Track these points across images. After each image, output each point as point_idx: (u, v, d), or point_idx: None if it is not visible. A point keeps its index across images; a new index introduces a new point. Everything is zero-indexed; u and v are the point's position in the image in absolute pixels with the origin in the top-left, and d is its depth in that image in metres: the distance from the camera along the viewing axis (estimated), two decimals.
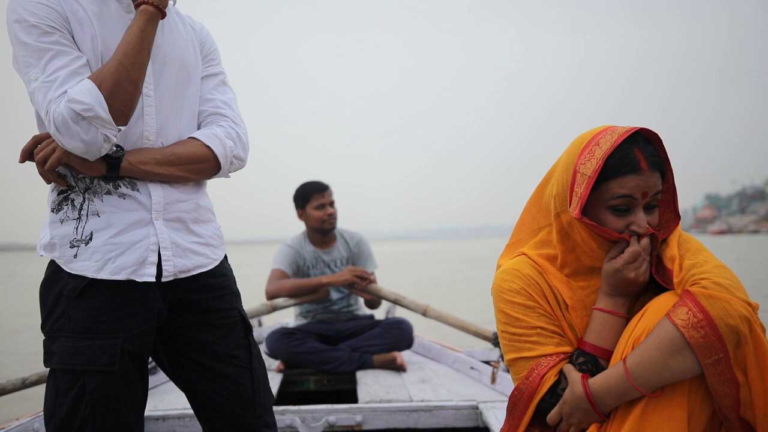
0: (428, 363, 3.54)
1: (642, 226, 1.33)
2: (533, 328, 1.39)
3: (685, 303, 1.24)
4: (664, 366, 1.23)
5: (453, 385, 3.01)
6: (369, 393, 2.89)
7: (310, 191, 3.64)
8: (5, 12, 1.43)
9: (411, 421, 2.59)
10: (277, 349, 3.43)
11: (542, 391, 1.36)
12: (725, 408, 1.25)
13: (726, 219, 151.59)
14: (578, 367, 1.35)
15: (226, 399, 1.58)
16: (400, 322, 3.60)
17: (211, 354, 1.57)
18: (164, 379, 3.10)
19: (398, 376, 3.25)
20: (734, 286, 1.26)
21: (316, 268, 3.65)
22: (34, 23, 1.37)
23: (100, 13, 1.44)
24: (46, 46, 1.37)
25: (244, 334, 1.65)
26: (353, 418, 2.56)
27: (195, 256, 1.53)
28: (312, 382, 3.37)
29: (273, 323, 4.29)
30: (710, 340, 1.21)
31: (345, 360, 3.37)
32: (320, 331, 3.58)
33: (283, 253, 3.65)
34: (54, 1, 1.39)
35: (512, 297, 1.42)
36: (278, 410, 2.54)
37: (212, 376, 1.58)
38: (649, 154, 1.33)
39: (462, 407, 2.61)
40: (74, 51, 1.39)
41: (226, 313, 1.61)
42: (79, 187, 1.44)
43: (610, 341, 1.34)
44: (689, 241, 1.39)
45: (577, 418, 1.33)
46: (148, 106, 1.47)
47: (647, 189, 1.33)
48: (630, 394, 1.27)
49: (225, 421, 1.59)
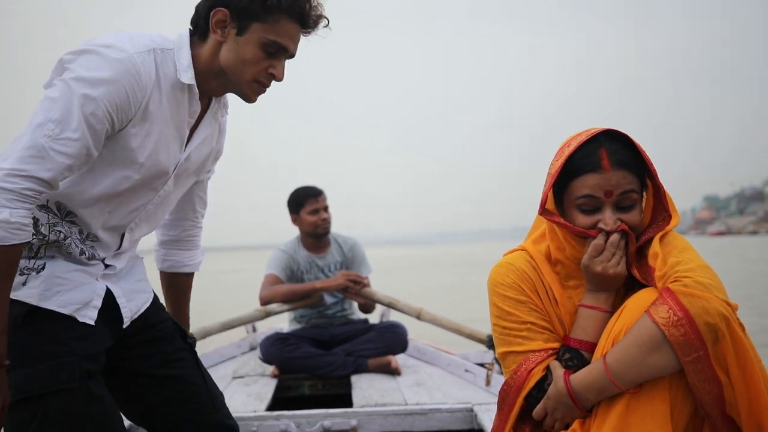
0: (423, 366, 3.54)
1: (608, 224, 1.35)
2: (524, 323, 1.42)
3: (666, 301, 1.25)
4: (644, 363, 1.25)
5: (448, 388, 3.02)
6: (364, 397, 2.89)
7: (304, 196, 3.64)
8: (80, 42, 1.41)
9: (406, 424, 2.59)
10: (272, 354, 3.42)
11: (528, 386, 1.39)
12: (707, 405, 1.26)
13: (725, 220, 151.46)
14: (564, 363, 1.37)
15: (183, 401, 1.62)
16: (395, 326, 3.60)
17: (159, 362, 1.62)
18: None
19: (393, 379, 3.25)
20: (715, 286, 1.27)
21: (310, 272, 3.64)
22: (97, 103, 1.34)
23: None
24: (85, 125, 1.33)
25: (182, 339, 1.71)
26: (348, 423, 2.55)
27: (142, 294, 1.63)
28: (307, 387, 3.36)
29: (267, 329, 4.28)
30: (690, 338, 1.22)
31: (340, 364, 3.37)
32: (314, 336, 3.57)
33: (276, 258, 3.65)
34: (134, 92, 1.38)
35: (504, 291, 1.45)
36: (273, 415, 2.54)
37: (165, 383, 1.62)
38: (612, 152, 1.34)
39: (457, 410, 2.61)
40: (92, 148, 1.37)
41: (163, 325, 1.68)
42: (42, 236, 1.44)
43: (595, 336, 1.36)
44: (676, 239, 1.40)
45: (561, 413, 1.35)
46: (150, 203, 1.55)
47: (610, 187, 1.34)
48: (609, 390, 1.28)
49: (189, 425, 1.62)
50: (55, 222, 1.43)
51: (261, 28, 1.46)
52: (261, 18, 1.45)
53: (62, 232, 1.44)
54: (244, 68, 1.48)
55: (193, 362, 1.68)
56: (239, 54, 1.47)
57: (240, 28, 1.46)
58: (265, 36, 1.47)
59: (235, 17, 1.46)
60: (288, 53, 1.52)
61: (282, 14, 1.46)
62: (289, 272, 3.62)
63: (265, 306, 3.49)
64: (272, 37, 1.47)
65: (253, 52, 1.47)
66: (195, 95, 1.50)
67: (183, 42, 1.48)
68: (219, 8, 1.46)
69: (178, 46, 1.47)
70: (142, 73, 1.39)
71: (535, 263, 1.47)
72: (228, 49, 1.47)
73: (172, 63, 1.45)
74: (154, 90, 1.42)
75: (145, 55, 1.40)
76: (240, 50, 1.47)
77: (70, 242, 1.45)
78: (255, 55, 1.47)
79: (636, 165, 1.37)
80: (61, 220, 1.44)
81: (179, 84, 1.46)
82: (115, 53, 1.36)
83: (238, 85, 1.51)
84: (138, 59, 1.38)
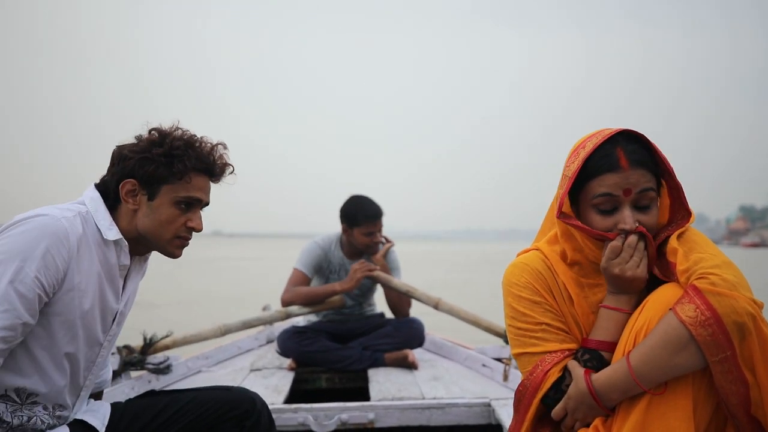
0: (440, 360, 3.54)
1: (628, 223, 1.33)
2: (538, 324, 1.41)
3: (693, 300, 1.23)
4: (669, 363, 1.23)
5: (465, 383, 3.01)
6: (381, 391, 2.89)
7: (363, 218, 3.46)
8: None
9: (423, 418, 2.59)
10: (288, 347, 3.43)
11: (545, 387, 1.37)
12: (733, 406, 1.24)
13: (759, 231, 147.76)
14: (583, 363, 1.36)
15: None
16: (411, 320, 3.59)
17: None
18: (175, 379, 3.11)
19: (410, 373, 3.25)
20: (741, 283, 1.26)
21: (338, 273, 3.57)
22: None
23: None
24: (14, 295, 1.38)
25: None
26: (365, 416, 2.56)
27: (105, 403, 1.72)
28: (324, 381, 3.37)
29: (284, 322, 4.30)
30: (718, 338, 1.20)
31: (356, 358, 3.37)
32: (331, 330, 3.57)
33: (309, 252, 3.56)
34: (60, 255, 1.44)
35: (519, 291, 1.44)
36: (291, 408, 2.55)
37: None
38: (630, 152, 1.33)
39: (474, 404, 2.60)
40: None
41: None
42: (6, 424, 1.49)
43: (616, 337, 1.35)
44: (695, 234, 1.38)
45: (582, 413, 1.34)
46: (101, 357, 1.62)
47: (629, 186, 1.33)
48: (633, 390, 1.27)
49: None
50: (15, 408, 1.47)
51: (171, 189, 1.53)
52: (170, 180, 1.53)
53: (25, 415, 1.49)
54: (163, 229, 1.54)
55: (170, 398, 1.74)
56: (155, 217, 1.54)
57: (150, 193, 1.53)
58: (177, 195, 1.54)
59: (145, 185, 1.53)
60: (202, 203, 1.59)
61: (190, 172, 1.53)
62: (318, 269, 3.57)
63: (285, 308, 3.48)
64: (184, 194, 1.54)
65: (168, 212, 1.54)
66: (124, 249, 1.56)
67: (97, 204, 1.54)
68: (127, 180, 1.52)
69: (94, 208, 1.53)
70: (70, 235, 1.44)
71: (549, 263, 1.46)
72: (143, 214, 1.54)
73: (94, 226, 1.51)
74: (84, 251, 1.48)
75: (72, 219, 1.46)
76: (155, 214, 1.53)
77: (36, 420, 1.50)
78: (171, 214, 1.54)
79: (653, 164, 1.35)
80: (22, 404, 1.48)
81: (105, 242, 1.52)
82: (41, 220, 1.42)
83: (160, 245, 1.57)
84: (65, 223, 1.44)
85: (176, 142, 1.53)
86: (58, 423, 1.56)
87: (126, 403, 1.74)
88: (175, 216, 1.54)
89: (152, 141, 1.53)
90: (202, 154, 1.55)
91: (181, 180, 1.53)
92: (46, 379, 1.49)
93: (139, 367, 2.95)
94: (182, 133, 1.55)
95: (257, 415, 1.72)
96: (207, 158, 1.56)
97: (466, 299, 3.79)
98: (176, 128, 1.56)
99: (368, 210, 3.49)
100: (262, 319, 3.48)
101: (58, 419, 1.56)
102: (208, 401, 1.70)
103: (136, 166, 1.52)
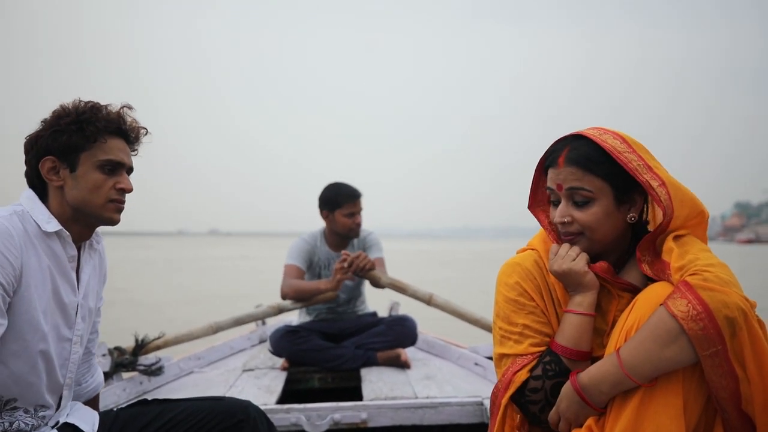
0: (432, 359, 3.54)
1: (556, 215, 1.43)
2: (518, 325, 1.45)
3: (685, 295, 1.24)
4: (660, 356, 1.24)
5: (457, 382, 3.01)
6: (374, 390, 2.89)
7: (343, 198, 3.53)
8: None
9: (416, 418, 2.59)
10: (281, 346, 3.42)
11: (512, 390, 1.41)
12: (723, 401, 1.25)
13: (755, 228, 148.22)
14: (543, 366, 1.40)
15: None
16: (404, 319, 3.59)
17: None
18: (169, 378, 3.10)
19: (402, 373, 3.25)
20: (734, 283, 1.27)
21: (328, 268, 3.60)
22: None
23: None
24: None
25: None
26: (358, 416, 2.55)
27: (93, 411, 1.72)
28: (316, 380, 3.36)
29: (276, 321, 4.29)
30: (709, 333, 1.21)
31: (349, 357, 3.37)
32: (324, 329, 3.57)
33: (297, 248, 3.60)
34: (10, 252, 1.45)
35: (507, 292, 1.48)
36: (283, 408, 2.54)
37: None
38: (571, 150, 1.40)
39: (467, 403, 2.60)
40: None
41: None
42: None
43: (574, 340, 1.39)
44: (694, 241, 1.40)
45: (573, 412, 1.34)
46: (73, 352, 1.61)
47: (560, 181, 1.41)
48: (624, 384, 1.28)
49: None
50: None
51: (90, 155, 1.54)
52: (86, 147, 1.54)
53: (6, 421, 1.49)
54: (92, 195, 1.55)
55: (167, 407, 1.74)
56: (82, 186, 1.54)
57: (71, 165, 1.54)
58: (97, 159, 1.55)
59: (63, 157, 1.53)
60: (126, 166, 1.60)
61: (104, 135, 1.55)
62: (309, 263, 3.59)
63: (278, 302, 3.48)
64: (104, 157, 1.55)
65: (94, 177, 1.54)
66: (67, 239, 1.56)
67: (33, 201, 1.55)
68: (44, 158, 1.54)
69: (30, 207, 1.54)
70: (13, 233, 1.45)
71: (542, 263, 1.49)
72: (70, 187, 1.54)
73: (32, 222, 1.51)
74: (29, 247, 1.48)
75: (9, 218, 1.47)
76: (81, 183, 1.54)
77: (18, 423, 1.51)
78: (96, 179, 1.55)
79: (599, 164, 1.38)
80: (1, 411, 1.49)
81: (47, 236, 1.52)
82: None
83: (96, 213, 1.57)
84: (5, 222, 1.45)
85: (82, 108, 1.56)
86: (42, 423, 1.55)
87: (117, 411, 1.73)
88: (101, 180, 1.55)
89: (58, 114, 1.56)
90: (111, 116, 1.57)
91: (96, 142, 1.54)
92: (21, 383, 1.49)
93: (131, 368, 2.93)
94: (86, 102, 1.58)
95: (252, 423, 1.70)
96: (116, 119, 1.58)
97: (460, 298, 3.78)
98: (79, 101, 1.58)
99: (347, 190, 3.56)
100: (254, 315, 3.47)
101: (42, 419, 1.55)
102: (200, 411, 1.69)
103: (49, 141, 1.53)
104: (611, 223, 1.40)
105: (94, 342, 1.82)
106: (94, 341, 1.82)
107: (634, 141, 1.41)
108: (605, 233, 1.41)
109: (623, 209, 1.41)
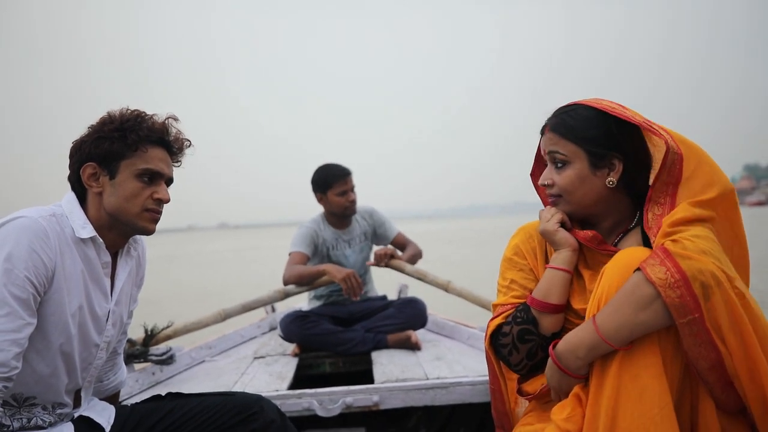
0: (442, 340, 3.54)
1: (542, 178, 1.54)
2: (507, 280, 1.61)
3: (663, 262, 1.24)
4: (635, 320, 1.25)
5: (468, 362, 3.01)
6: (385, 373, 2.89)
7: (332, 178, 3.60)
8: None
9: (427, 398, 2.59)
10: (292, 332, 3.43)
11: (487, 334, 1.59)
12: (704, 371, 1.26)
13: (765, 190, 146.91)
14: (514, 313, 1.54)
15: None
16: (413, 301, 3.60)
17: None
18: (181, 368, 3.12)
19: (413, 354, 3.25)
20: (715, 257, 1.26)
21: (336, 248, 3.65)
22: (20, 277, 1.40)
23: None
24: (10, 298, 1.39)
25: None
26: (370, 399, 2.56)
27: (110, 405, 1.74)
28: (328, 365, 3.38)
29: (286, 308, 4.30)
30: (685, 300, 1.21)
31: (359, 341, 3.38)
32: (333, 314, 3.58)
33: (300, 235, 3.62)
34: (45, 252, 1.44)
35: (507, 251, 1.65)
36: (295, 394, 2.55)
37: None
38: (557, 116, 1.51)
39: (478, 383, 2.60)
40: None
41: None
42: (6, 427, 1.50)
43: (541, 290, 1.50)
44: (702, 232, 1.35)
45: (555, 381, 1.39)
46: (98, 357, 1.63)
47: (544, 147, 1.54)
48: (600, 348, 1.29)
49: None
50: (13, 412, 1.48)
51: (130, 163, 1.55)
52: (127, 155, 1.54)
53: (24, 417, 1.50)
54: (129, 204, 1.55)
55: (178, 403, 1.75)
56: (120, 194, 1.54)
57: (111, 172, 1.54)
58: (136, 168, 1.55)
59: (104, 164, 1.54)
60: (165, 177, 1.60)
61: (145, 144, 1.55)
62: (314, 248, 3.61)
63: (284, 287, 3.49)
64: (143, 166, 1.55)
65: (132, 185, 1.54)
66: (101, 245, 1.56)
67: (73, 205, 1.55)
68: (86, 164, 1.54)
69: (69, 210, 1.54)
70: (50, 234, 1.45)
71: None
72: (108, 194, 1.54)
73: (69, 225, 1.51)
74: (65, 250, 1.48)
75: (48, 219, 1.47)
76: (119, 190, 1.54)
77: (36, 420, 1.51)
78: (134, 187, 1.55)
79: (572, 130, 1.46)
80: (20, 407, 1.49)
81: (82, 241, 1.52)
82: (20, 221, 1.42)
83: (131, 221, 1.56)
84: (44, 222, 1.45)
85: (126, 116, 1.56)
86: (60, 420, 1.56)
87: (132, 406, 1.74)
88: (138, 189, 1.55)
89: (103, 121, 1.56)
90: (155, 126, 1.57)
91: (137, 151, 1.55)
92: (42, 383, 1.50)
93: (143, 359, 2.95)
94: (132, 111, 1.58)
95: (265, 415, 1.71)
96: (159, 129, 1.58)
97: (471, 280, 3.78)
98: (126, 109, 1.59)
99: (335, 170, 3.62)
100: (261, 300, 3.47)
101: (59, 416, 1.56)
102: (213, 405, 1.70)
103: (91, 147, 1.54)
104: (587, 186, 1.47)
105: (121, 342, 1.83)
106: (122, 341, 1.83)
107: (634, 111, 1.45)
108: (581, 196, 1.48)
109: (600, 174, 1.46)
